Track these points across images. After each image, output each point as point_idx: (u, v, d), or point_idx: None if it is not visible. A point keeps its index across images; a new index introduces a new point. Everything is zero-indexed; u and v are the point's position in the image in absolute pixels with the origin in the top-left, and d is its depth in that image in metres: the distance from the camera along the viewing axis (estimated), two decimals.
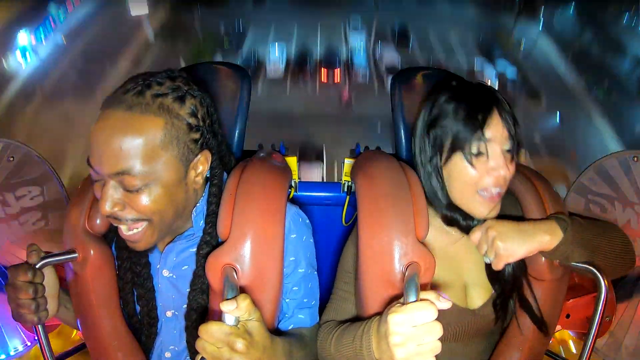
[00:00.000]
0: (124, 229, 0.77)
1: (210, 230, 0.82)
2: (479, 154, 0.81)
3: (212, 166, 0.84)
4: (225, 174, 0.88)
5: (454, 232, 0.92)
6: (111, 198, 0.73)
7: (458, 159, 0.83)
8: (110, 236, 0.89)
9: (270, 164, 0.88)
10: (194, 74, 0.90)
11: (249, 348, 0.64)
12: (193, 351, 0.82)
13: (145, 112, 0.71)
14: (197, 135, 0.77)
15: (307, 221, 0.91)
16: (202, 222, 0.85)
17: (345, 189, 1.28)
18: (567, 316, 1.10)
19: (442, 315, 0.61)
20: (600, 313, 0.81)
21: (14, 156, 1.51)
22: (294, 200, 0.93)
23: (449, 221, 0.88)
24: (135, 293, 0.88)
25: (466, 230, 0.86)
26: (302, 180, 1.30)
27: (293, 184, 1.26)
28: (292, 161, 1.21)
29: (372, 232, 0.79)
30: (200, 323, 0.79)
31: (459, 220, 0.86)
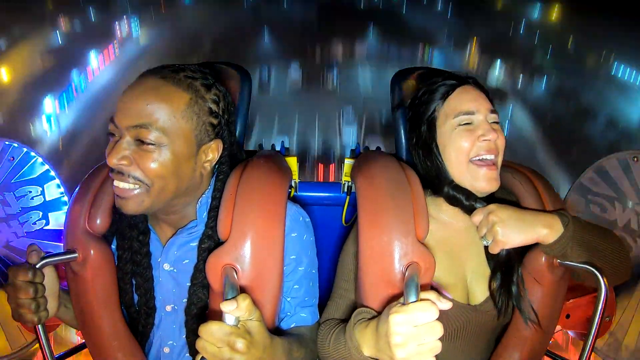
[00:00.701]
0: (120, 184, 0.77)
1: (213, 224, 0.83)
2: (465, 124, 0.87)
3: (222, 161, 0.87)
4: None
5: (455, 222, 0.92)
6: (122, 151, 0.76)
7: (447, 129, 0.88)
8: (113, 229, 0.89)
9: (270, 164, 0.88)
10: None
11: (249, 348, 0.64)
12: (192, 346, 0.82)
13: (175, 84, 0.78)
14: (215, 121, 0.82)
15: (308, 220, 0.91)
16: (205, 214, 0.85)
17: (345, 189, 1.28)
18: (567, 316, 1.10)
19: (443, 312, 0.62)
20: (600, 313, 0.81)
21: (14, 156, 1.52)
22: (295, 200, 0.93)
23: (453, 200, 0.89)
24: (135, 283, 0.88)
25: (469, 210, 0.87)
26: None
27: (293, 184, 1.26)
28: (292, 161, 1.21)
29: (372, 232, 0.79)
30: (200, 318, 0.79)
31: (462, 200, 0.87)
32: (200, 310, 0.83)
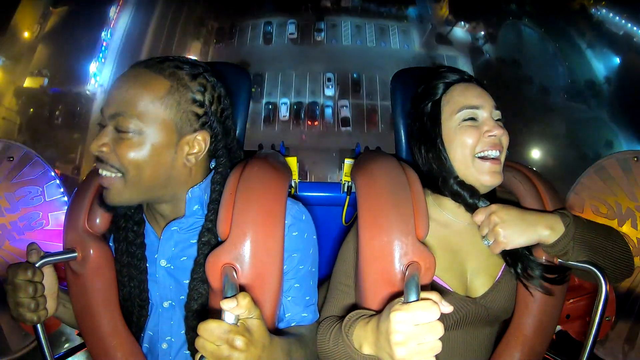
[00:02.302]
0: (102, 172, 0.78)
1: (212, 217, 0.82)
2: (469, 119, 0.87)
3: (219, 154, 0.86)
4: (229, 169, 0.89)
5: (455, 221, 0.92)
6: (103, 138, 0.77)
7: (452, 125, 0.88)
8: (111, 227, 0.89)
9: (270, 163, 0.88)
10: None
11: (248, 345, 0.63)
12: (192, 342, 0.82)
13: (157, 73, 0.79)
14: (199, 111, 0.81)
15: (310, 218, 0.91)
16: (196, 206, 0.85)
17: (345, 189, 1.28)
18: (567, 316, 1.09)
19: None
20: (600, 312, 0.81)
21: (13, 156, 1.51)
22: (295, 199, 0.93)
23: (456, 197, 0.88)
24: (129, 274, 0.87)
25: (471, 208, 0.87)
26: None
27: (293, 184, 1.26)
28: (292, 161, 1.21)
29: (372, 232, 0.79)
30: (200, 315, 0.79)
31: (466, 197, 0.87)
32: (201, 307, 0.83)
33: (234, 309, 0.63)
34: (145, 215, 0.90)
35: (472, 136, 0.86)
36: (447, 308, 0.63)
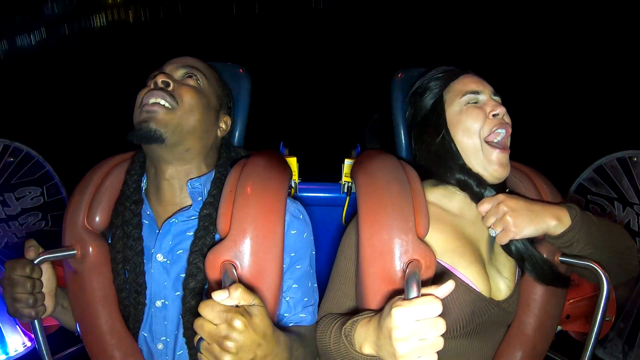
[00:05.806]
0: (156, 99, 0.83)
1: (215, 193, 0.85)
2: (470, 102, 0.88)
3: (225, 143, 0.98)
4: (230, 166, 0.93)
5: (465, 212, 0.90)
6: (171, 75, 0.89)
7: (455, 109, 0.89)
8: (113, 212, 0.89)
9: (270, 161, 0.88)
10: None
11: (247, 327, 0.62)
12: (189, 327, 0.81)
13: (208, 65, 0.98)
14: (230, 102, 1.01)
15: (307, 218, 0.90)
16: (199, 198, 0.87)
17: (345, 190, 1.28)
18: (567, 317, 1.09)
19: (466, 304, 0.59)
20: (601, 312, 0.81)
21: (14, 157, 1.52)
22: (295, 199, 0.94)
23: (463, 185, 0.87)
24: (125, 257, 0.86)
25: (478, 197, 0.86)
26: None
27: (293, 185, 1.26)
28: (292, 161, 1.21)
29: (372, 230, 0.79)
30: (198, 292, 0.79)
31: (472, 185, 0.86)
32: (200, 284, 0.82)
33: (226, 300, 0.62)
34: (148, 203, 0.90)
35: (478, 119, 0.86)
36: (449, 285, 0.63)
